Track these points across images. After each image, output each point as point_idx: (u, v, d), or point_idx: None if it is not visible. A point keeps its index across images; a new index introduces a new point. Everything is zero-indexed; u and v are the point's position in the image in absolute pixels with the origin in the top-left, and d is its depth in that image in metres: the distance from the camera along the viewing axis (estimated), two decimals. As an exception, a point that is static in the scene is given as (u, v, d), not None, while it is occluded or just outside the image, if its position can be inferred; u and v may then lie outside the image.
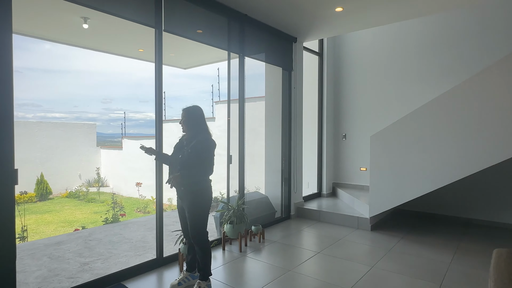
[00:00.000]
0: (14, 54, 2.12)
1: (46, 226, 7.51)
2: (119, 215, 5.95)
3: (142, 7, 2.98)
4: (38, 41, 7.87)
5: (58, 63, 34.06)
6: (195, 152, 2.51)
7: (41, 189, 10.45)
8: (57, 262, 3.53)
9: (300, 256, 3.47)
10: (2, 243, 2.04)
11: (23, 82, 27.15)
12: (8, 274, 2.08)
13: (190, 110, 2.65)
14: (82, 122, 17.47)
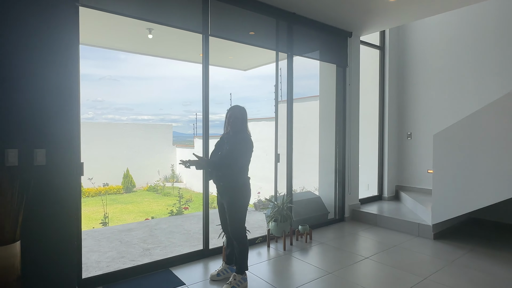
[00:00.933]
0: (111, 65, 2.56)
1: (128, 214, 8.53)
2: (183, 208, 6.46)
3: (190, 16, 3.21)
4: (129, 54, 9.08)
5: (147, 71, 38.57)
6: (234, 150, 2.63)
7: (127, 182, 11.88)
8: (125, 246, 4.02)
9: (345, 259, 3.33)
10: (70, 226, 2.43)
11: (119, 89, 31.16)
12: (74, 251, 2.47)
13: (234, 110, 2.77)
14: (162, 123, 19.33)
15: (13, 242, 2.00)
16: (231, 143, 2.68)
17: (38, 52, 2.27)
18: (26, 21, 2.22)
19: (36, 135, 2.26)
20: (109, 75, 38.15)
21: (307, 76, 5.21)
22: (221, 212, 2.85)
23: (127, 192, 11.70)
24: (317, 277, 2.92)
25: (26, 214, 2.15)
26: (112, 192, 11.29)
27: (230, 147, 2.66)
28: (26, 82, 2.22)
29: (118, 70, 48.23)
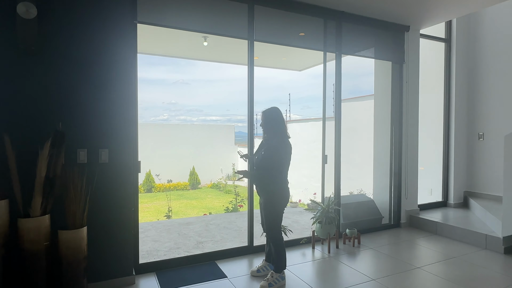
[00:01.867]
0: (182, 70, 2.86)
1: (192, 209, 9.17)
2: (238, 206, 6.73)
3: (237, 24, 3.38)
4: (196, 61, 10.04)
5: (215, 74, 41.18)
6: (269, 157, 2.67)
7: (193, 179, 12.74)
8: (182, 238, 4.38)
9: (394, 267, 3.16)
10: (128, 217, 2.78)
11: (190, 92, 33.37)
12: (131, 239, 2.81)
13: (267, 113, 2.78)
14: (225, 124, 20.22)
15: (81, 227, 2.38)
16: (266, 148, 2.71)
17: (102, 65, 2.65)
18: (92, 37, 2.61)
19: (101, 137, 2.65)
20: (182, 79, 41.63)
21: (361, 74, 5.01)
22: (261, 211, 2.96)
23: (193, 188, 12.54)
24: (359, 282, 2.84)
25: (90, 204, 2.53)
26: (179, 188, 12.20)
27: (266, 153, 2.70)
28: (93, 91, 2.62)
29: (189, 74, 52.45)
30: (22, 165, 2.26)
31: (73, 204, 2.36)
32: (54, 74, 2.49)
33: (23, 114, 2.40)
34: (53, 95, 2.49)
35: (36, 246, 2.22)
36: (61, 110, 2.50)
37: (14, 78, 2.37)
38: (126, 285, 2.74)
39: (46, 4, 2.43)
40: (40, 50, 2.43)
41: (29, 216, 2.23)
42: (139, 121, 3.00)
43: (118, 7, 2.69)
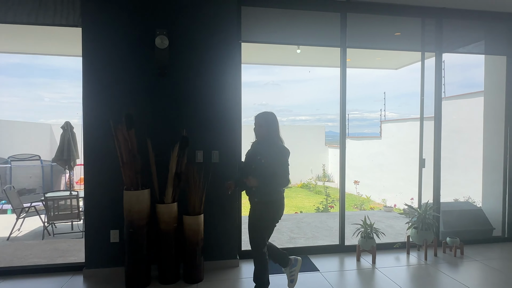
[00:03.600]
0: (273, 71, 3.32)
1: (282, 207, 9.59)
2: (329, 206, 6.82)
3: (329, 34, 3.56)
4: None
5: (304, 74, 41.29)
6: (279, 162, 2.44)
7: (284, 178, 13.20)
8: (276, 232, 4.71)
9: (502, 284, 2.90)
10: (233, 209, 3.25)
11: (280, 92, 34.42)
12: (236, 228, 3.28)
13: (262, 117, 2.57)
14: (315, 124, 20.20)
15: (199, 214, 2.93)
16: (268, 155, 2.45)
17: (213, 79, 3.17)
18: (205, 57, 3.15)
19: (213, 141, 3.17)
20: (272, 81, 43.24)
21: (473, 65, 4.55)
22: (253, 223, 2.56)
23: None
24: (459, 293, 2.73)
25: (206, 197, 3.07)
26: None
27: (265, 159, 2.43)
28: (207, 103, 3.16)
29: (279, 76, 53.88)
30: (159, 163, 2.91)
31: (193, 195, 2.92)
32: (179, 91, 3.11)
33: (159, 122, 3.07)
34: (179, 107, 3.11)
35: (168, 226, 2.84)
36: (185, 119, 3.11)
37: (152, 95, 3.06)
38: (232, 266, 3.21)
39: (174, 36, 3.06)
40: (170, 73, 3.07)
41: (163, 203, 2.86)
42: (238, 125, 3.45)
43: (226, 30, 3.18)
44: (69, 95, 16.25)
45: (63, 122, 5.63)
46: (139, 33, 3.02)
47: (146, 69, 3.04)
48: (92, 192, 3.00)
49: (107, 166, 2.99)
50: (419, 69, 3.88)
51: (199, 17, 3.12)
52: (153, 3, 3.05)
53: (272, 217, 2.52)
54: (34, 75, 13.86)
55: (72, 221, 4.81)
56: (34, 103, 12.11)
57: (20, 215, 4.75)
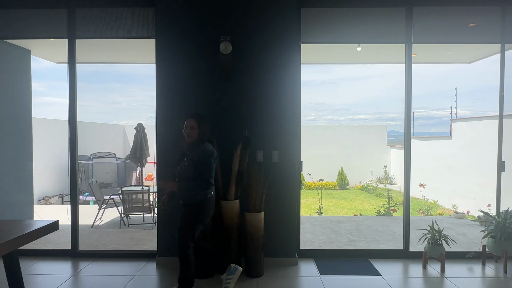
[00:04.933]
0: (330, 69, 3.31)
1: (340, 209, 9.38)
2: (391, 210, 6.49)
3: (393, 30, 3.42)
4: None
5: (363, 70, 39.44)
6: (202, 163, 2.49)
7: (341, 180, 12.87)
8: (334, 234, 4.71)
9: None
10: (293, 208, 3.31)
11: (337, 91, 33.37)
12: (294, 226, 3.33)
13: (196, 119, 2.58)
14: (376, 123, 19.26)
15: (260, 211, 3.04)
16: (190, 157, 2.52)
17: (273, 81, 3.26)
18: (266, 58, 3.25)
19: (273, 141, 3.27)
20: (329, 79, 41.89)
21: None
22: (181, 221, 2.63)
23: (341, 188, 12.67)
24: (547, 312, 2.44)
25: (266, 195, 3.17)
26: (328, 188, 12.57)
27: (199, 160, 2.49)
28: (268, 104, 3.26)
29: (336, 74, 52.23)
30: (222, 161, 3.09)
31: (254, 193, 3.04)
32: (242, 93, 3.26)
33: (224, 123, 3.25)
34: (241, 109, 3.26)
35: (231, 222, 3.00)
36: (247, 120, 3.25)
37: (217, 97, 3.26)
38: (291, 264, 3.27)
39: (237, 41, 3.21)
40: (233, 76, 3.23)
41: (226, 199, 3.03)
42: (298, 126, 3.49)
43: (286, 33, 3.25)
44: (139, 98, 17.85)
45: (133, 123, 6.23)
46: (204, 40, 3.24)
47: (211, 74, 3.25)
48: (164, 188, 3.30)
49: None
50: (498, 62, 3.53)
51: (260, 22, 3.24)
52: (218, 13, 3.24)
53: (196, 219, 2.55)
54: (109, 81, 15.61)
55: (143, 214, 5.30)
56: (109, 106, 13.66)
57: (101, 206, 5.38)
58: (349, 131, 14.28)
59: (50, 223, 1.91)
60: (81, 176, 8.46)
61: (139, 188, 5.54)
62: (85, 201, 7.88)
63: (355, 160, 13.47)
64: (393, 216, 6.31)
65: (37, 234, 1.80)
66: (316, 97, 43.74)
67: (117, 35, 3.43)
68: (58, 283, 2.90)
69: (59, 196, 8.22)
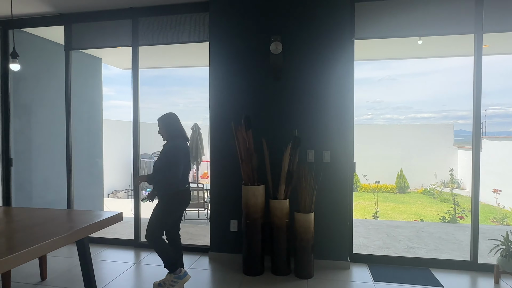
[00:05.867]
0: (388, 65, 3.16)
1: (399, 214, 8.83)
2: (457, 217, 5.92)
3: (460, 20, 3.12)
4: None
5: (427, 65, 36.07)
6: (160, 158, 2.67)
7: (400, 182, 12.09)
8: (391, 239, 4.45)
9: None
10: (345, 210, 3.20)
11: (397, 88, 31.33)
12: (346, 229, 3.22)
13: (162, 119, 2.78)
14: (441, 122, 17.68)
15: (310, 212, 3.00)
16: (161, 152, 2.72)
17: (325, 79, 3.18)
18: (317, 57, 3.19)
19: (324, 140, 3.19)
20: (388, 75, 38.90)
21: None
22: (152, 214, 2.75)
23: (400, 192, 11.91)
24: None
25: (317, 196, 3.12)
26: (385, 190, 11.91)
27: (160, 156, 2.69)
28: (318, 103, 3.20)
29: (397, 70, 48.10)
30: (272, 161, 3.11)
31: (304, 193, 3.01)
32: (292, 93, 3.24)
33: (273, 123, 3.27)
34: (291, 108, 3.25)
35: (280, 221, 3.00)
36: (297, 119, 3.23)
37: (268, 97, 3.29)
38: (343, 268, 3.17)
39: (287, 40, 3.21)
40: (283, 76, 3.23)
41: (276, 199, 3.04)
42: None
43: (338, 29, 3.15)
44: (195, 100, 18.74)
45: (190, 124, 6.55)
46: (255, 41, 3.29)
47: (261, 74, 3.28)
48: (216, 185, 3.42)
49: (228, 163, 3.35)
50: None
51: (311, 19, 3.19)
52: (268, 13, 3.26)
53: (165, 210, 2.67)
54: (170, 84, 16.71)
55: (198, 210, 5.56)
56: (169, 108, 14.59)
57: (161, 201, 5.75)
58: (411, 131, 13.34)
59: (114, 215, 2.10)
60: (143, 173, 9.15)
61: (194, 185, 5.82)
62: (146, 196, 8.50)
63: (417, 161, 12.55)
64: (460, 223, 5.74)
65: (104, 224, 2.00)
66: (373, 95, 41.51)
67: (175, 41, 3.64)
68: (122, 270, 3.17)
69: (125, 191, 8.99)
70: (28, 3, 3.47)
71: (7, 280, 2.58)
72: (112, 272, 3.14)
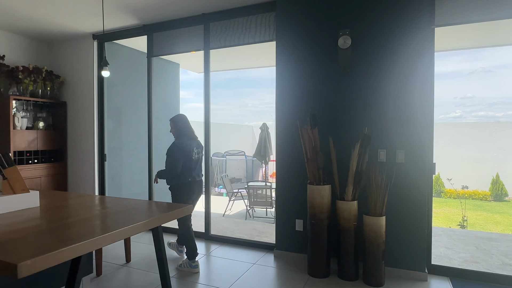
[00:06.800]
0: (484, 56, 2.80)
1: (493, 225, 7.69)
2: None
3: None
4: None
5: (535, 54, 29.48)
6: (167, 156, 3.08)
7: (497, 189, 10.52)
8: (481, 253, 3.90)
9: None
10: (422, 215, 2.91)
11: (493, 81, 27.33)
12: (425, 238, 2.92)
13: (172, 120, 3.23)
14: (553, 120, 14.80)
15: (381, 216, 2.79)
16: (166, 152, 3.09)
17: (399, 73, 2.93)
18: (391, 49, 2.95)
19: (398, 139, 2.95)
20: (481, 67, 32.68)
21: None
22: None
23: (496, 200, 10.37)
24: None
25: (388, 198, 2.89)
26: (477, 197, 10.50)
27: (166, 157, 3.09)
28: (392, 99, 2.96)
29: (492, 60, 40.18)
30: (339, 160, 2.99)
31: (374, 195, 2.82)
32: (362, 88, 3.07)
33: (340, 120, 3.14)
34: (360, 105, 3.07)
35: (347, 223, 2.87)
36: (367, 117, 3.04)
37: (335, 94, 3.17)
38: (419, 279, 2.88)
39: (357, 33, 3.04)
40: (352, 72, 3.08)
41: (343, 200, 2.91)
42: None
43: (415, 17, 2.87)
44: (266, 101, 19.08)
45: (259, 123, 6.70)
46: (322, 37, 3.20)
47: (328, 70, 3.18)
48: (282, 184, 3.42)
49: (294, 161, 3.33)
50: None
51: (383, 9, 2.97)
52: (336, 7, 3.14)
53: (174, 200, 3.12)
54: (241, 86, 17.39)
55: (266, 208, 5.64)
56: (241, 109, 15.25)
57: (231, 198, 6.00)
58: (508, 130, 11.51)
59: (184, 207, 2.25)
60: (216, 171, 9.65)
61: (263, 184, 5.93)
62: (219, 193, 8.94)
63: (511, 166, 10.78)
64: None
65: (175, 215, 2.16)
66: (463, 90, 36.89)
67: (242, 42, 3.76)
68: (193, 260, 3.39)
69: (200, 186, 9.58)
70: (119, 18, 3.94)
71: (99, 258, 2.98)
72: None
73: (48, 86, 4.55)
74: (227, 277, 2.98)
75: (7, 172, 2.14)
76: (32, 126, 4.44)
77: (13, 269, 1.29)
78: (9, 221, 1.87)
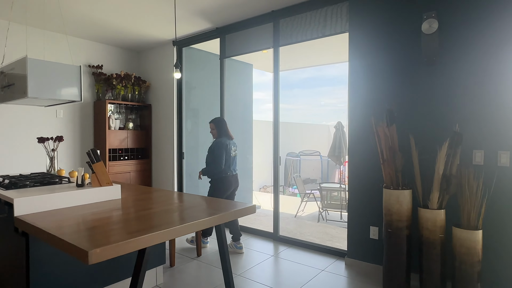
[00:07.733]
0: None
1: None
2: None
3: None
4: None
5: None
6: (208, 153, 3.53)
7: None
8: None
9: None
10: None
11: None
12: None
13: (213, 121, 3.64)
14: None
15: (476, 229, 2.34)
16: (209, 149, 3.55)
17: (499, 60, 2.41)
18: (481, 33, 2.45)
19: (499, 138, 2.43)
20: None
21: None
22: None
23: None
24: None
25: (487, 208, 2.41)
26: None
27: (209, 154, 3.53)
28: (487, 90, 2.46)
29: None
30: (422, 162, 2.61)
31: (468, 204, 2.37)
32: (451, 79, 2.63)
33: (424, 117, 2.75)
34: (450, 99, 2.63)
35: (432, 235, 2.48)
36: (458, 112, 2.59)
37: (417, 87, 2.78)
38: (529, 311, 2.33)
39: (445, 15, 2.62)
40: (439, 61, 2.66)
41: (427, 207, 2.53)
42: (553, 118, 2.42)
43: (527, -12, 2.33)
44: (345, 99, 18.24)
45: (333, 123, 6.37)
46: (402, 22, 2.84)
47: (410, 60, 2.81)
48: (355, 187, 3.16)
49: (368, 162, 3.04)
50: None
51: (482, -18, 2.49)
52: (420, -14, 2.75)
53: (213, 190, 3.50)
54: (320, 85, 16.89)
55: (341, 211, 5.32)
56: (318, 109, 14.79)
57: (303, 199, 5.84)
58: None
59: (248, 206, 2.22)
60: (290, 171, 9.55)
61: (336, 185, 5.62)
62: (293, 193, 8.82)
63: None
64: None
65: (238, 214, 2.14)
66: None
67: (311, 37, 3.59)
68: (261, 259, 3.36)
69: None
70: (194, 23, 4.15)
71: (173, 249, 3.16)
72: (251, 260, 3.37)
73: (136, 91, 5.06)
74: (293, 282, 2.86)
75: (95, 167, 2.40)
76: (124, 127, 4.99)
77: (85, 255, 1.41)
78: (94, 210, 2.09)
